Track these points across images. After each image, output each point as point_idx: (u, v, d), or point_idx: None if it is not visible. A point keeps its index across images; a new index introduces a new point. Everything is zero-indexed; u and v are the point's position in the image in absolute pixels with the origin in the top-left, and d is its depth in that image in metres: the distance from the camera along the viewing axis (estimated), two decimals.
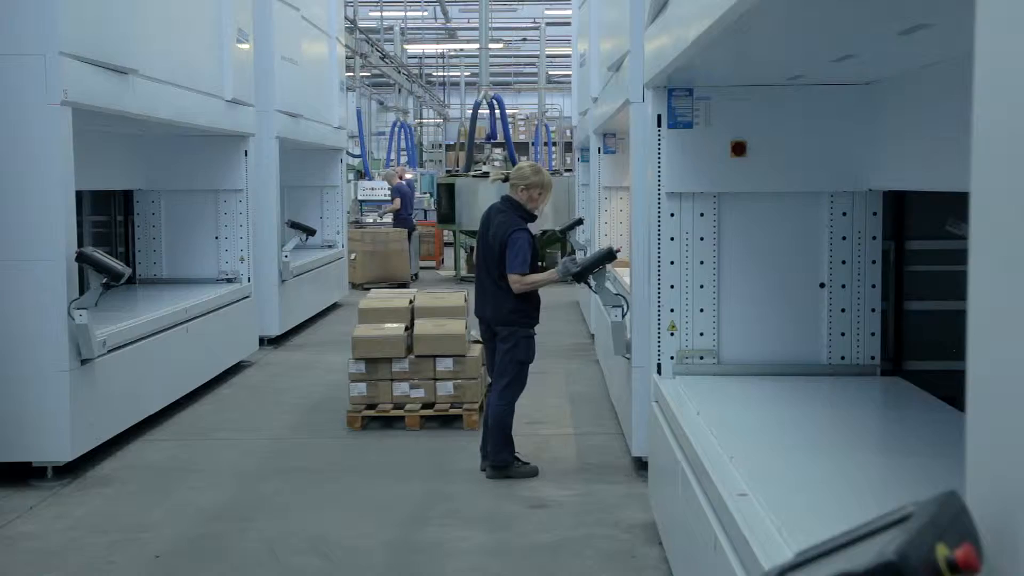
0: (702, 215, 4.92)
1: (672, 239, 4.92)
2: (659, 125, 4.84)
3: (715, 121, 4.80)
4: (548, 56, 30.59)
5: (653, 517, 5.05)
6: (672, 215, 4.91)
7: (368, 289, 15.67)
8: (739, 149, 4.81)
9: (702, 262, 4.94)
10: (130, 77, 6.54)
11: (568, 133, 34.17)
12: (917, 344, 5.06)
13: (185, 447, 6.72)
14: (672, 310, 4.94)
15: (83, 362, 5.97)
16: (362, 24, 24.74)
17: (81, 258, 5.82)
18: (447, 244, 20.93)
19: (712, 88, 4.76)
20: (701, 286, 4.94)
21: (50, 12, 5.61)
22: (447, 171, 35.33)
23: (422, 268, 18.43)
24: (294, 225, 11.06)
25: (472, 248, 17.97)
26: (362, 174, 26.07)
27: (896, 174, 4.48)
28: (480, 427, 6.45)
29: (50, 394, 5.80)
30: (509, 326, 5.89)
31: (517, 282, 5.83)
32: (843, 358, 4.92)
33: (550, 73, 33.10)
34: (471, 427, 7.00)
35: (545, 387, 8.33)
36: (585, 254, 10.86)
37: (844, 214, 4.89)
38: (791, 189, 4.86)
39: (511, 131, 20.73)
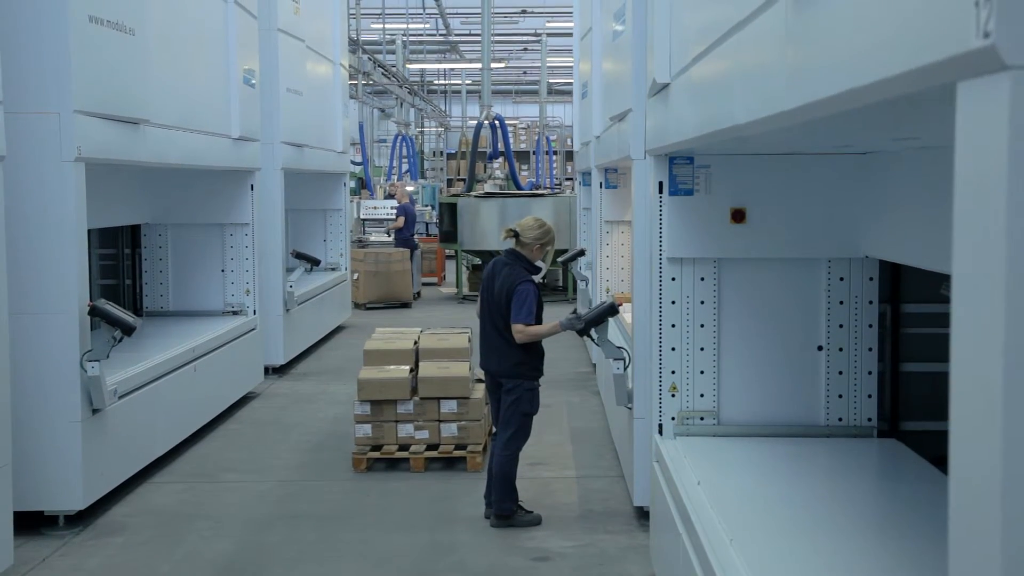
0: (702, 279, 5.04)
1: (673, 302, 5.03)
2: (660, 192, 4.96)
3: (715, 188, 4.92)
4: (549, 67, 30.74)
5: (654, 572, 5.16)
6: (673, 279, 5.03)
7: (371, 309, 15.86)
8: (739, 216, 4.92)
9: (702, 325, 5.05)
10: (141, 127, 6.65)
11: (568, 142, 34.35)
12: (913, 404, 5.17)
13: (193, 490, 6.82)
14: (673, 372, 5.06)
15: (94, 411, 6.08)
16: (364, 37, 24.87)
17: (94, 312, 5.93)
18: (449, 257, 21.02)
19: (712, 156, 4.87)
20: (702, 348, 5.06)
21: (65, 71, 5.72)
22: (448, 180, 35.60)
23: (424, 284, 18.51)
24: (299, 255, 11.18)
25: (474, 265, 18.11)
26: (363, 182, 26.26)
27: (891, 243, 4.58)
28: (484, 473, 6.56)
29: (62, 445, 5.91)
30: (514, 378, 6.01)
31: (520, 332, 5.94)
32: (840, 419, 5.03)
33: (551, 82, 33.24)
34: (474, 469, 7.10)
35: (546, 422, 8.42)
36: (587, 285, 10.98)
37: (841, 279, 5.00)
38: (790, 255, 4.97)
39: (511, 141, 21.00)
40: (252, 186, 9.40)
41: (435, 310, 15.96)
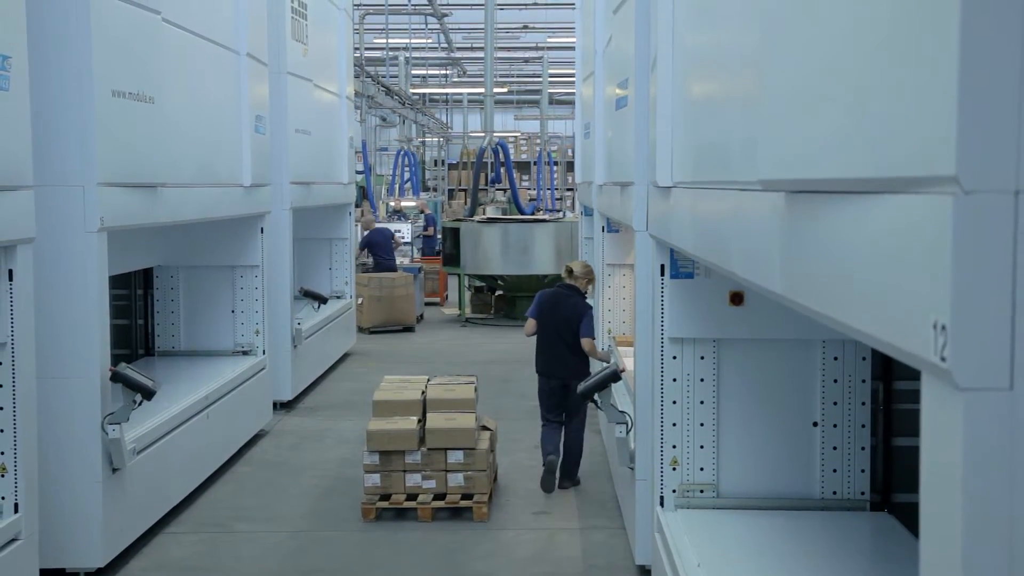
0: (702, 358, 5.26)
1: (674, 380, 5.26)
2: (662, 274, 5.18)
3: (714, 272, 5.12)
4: (550, 77, 30.98)
5: None
6: (674, 357, 5.25)
7: (375, 333, 16.06)
8: (737, 299, 5.14)
9: (702, 402, 5.27)
10: (159, 190, 6.86)
11: (569, 153, 34.58)
12: (904, 477, 5.38)
13: (206, 542, 7.03)
14: (674, 446, 5.28)
15: (114, 470, 6.29)
16: (368, 54, 25.09)
17: (116, 378, 6.14)
18: (452, 273, 21.14)
19: None
20: (701, 424, 5.28)
21: (89, 145, 5.93)
22: (449, 191, 35.73)
23: (426, 304, 18.66)
24: (307, 293, 11.39)
25: (476, 288, 18.33)
26: (364, 191, 26.54)
27: None
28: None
29: (83, 504, 6.12)
30: (582, 379, 7.24)
31: (592, 345, 7.96)
32: (835, 493, 5.26)
33: (551, 92, 33.48)
34: (480, 519, 7.31)
35: None
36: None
37: (835, 358, 5.23)
38: (786, 336, 5.19)
39: (512, 153, 21.38)
40: (262, 229, 9.61)
41: (439, 334, 16.18)
